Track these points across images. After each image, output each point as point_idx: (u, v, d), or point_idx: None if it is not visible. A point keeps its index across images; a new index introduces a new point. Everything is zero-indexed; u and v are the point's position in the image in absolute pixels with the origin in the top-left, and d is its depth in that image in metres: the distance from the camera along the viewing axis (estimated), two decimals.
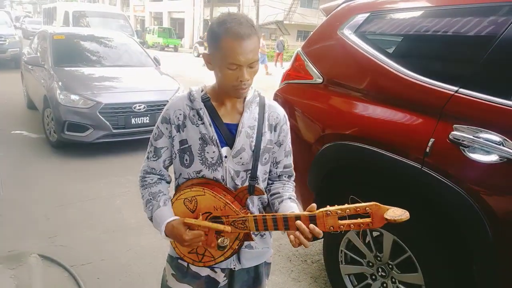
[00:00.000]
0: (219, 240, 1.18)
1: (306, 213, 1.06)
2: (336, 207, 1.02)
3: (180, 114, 1.21)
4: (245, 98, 1.25)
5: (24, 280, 2.41)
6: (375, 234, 2.05)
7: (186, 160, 1.23)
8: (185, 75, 11.28)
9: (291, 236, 1.06)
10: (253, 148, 1.22)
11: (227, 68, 1.09)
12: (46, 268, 2.58)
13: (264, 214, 1.15)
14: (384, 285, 2.01)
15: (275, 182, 1.36)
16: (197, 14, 32.50)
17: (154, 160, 1.27)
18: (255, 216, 1.14)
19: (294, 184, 1.39)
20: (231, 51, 1.06)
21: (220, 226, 1.13)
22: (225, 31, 1.07)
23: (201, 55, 6.11)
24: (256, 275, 1.37)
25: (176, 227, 1.17)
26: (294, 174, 1.40)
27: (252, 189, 1.21)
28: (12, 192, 3.67)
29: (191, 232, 1.14)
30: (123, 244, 2.92)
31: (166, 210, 1.22)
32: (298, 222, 1.06)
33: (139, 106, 4.88)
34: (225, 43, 1.06)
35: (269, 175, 1.35)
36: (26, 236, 2.93)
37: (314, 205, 1.07)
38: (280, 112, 1.31)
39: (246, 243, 1.26)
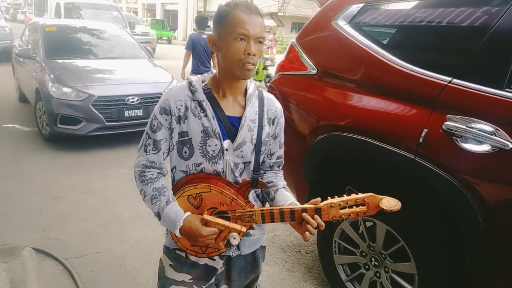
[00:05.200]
0: (231, 238, 1.17)
1: (311, 206, 1.13)
2: (339, 199, 1.12)
3: (181, 106, 1.18)
4: (246, 91, 1.24)
5: (18, 273, 2.39)
6: (368, 224, 2.07)
7: (185, 152, 1.21)
8: (178, 67, 11.19)
9: (306, 233, 1.12)
10: (254, 141, 1.22)
11: (235, 40, 1.09)
12: (40, 261, 2.57)
13: (271, 208, 1.16)
14: (377, 274, 2.03)
15: (267, 171, 1.37)
16: (191, 6, 32.20)
17: (154, 153, 1.22)
18: (262, 210, 1.16)
19: (283, 172, 1.41)
20: (241, 22, 1.08)
21: (237, 226, 1.14)
22: (234, 6, 1.11)
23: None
24: (253, 260, 1.40)
25: (193, 222, 1.14)
26: (283, 163, 1.42)
27: (255, 183, 1.22)
28: (4, 185, 3.64)
29: (208, 229, 1.13)
30: (117, 237, 2.91)
31: (177, 206, 1.19)
32: (305, 214, 1.11)
33: (132, 98, 4.84)
34: (234, 16, 1.09)
35: (262, 165, 1.35)
36: (20, 230, 2.92)
37: (318, 198, 1.14)
38: (277, 105, 1.32)
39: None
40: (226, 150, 1.20)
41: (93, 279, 2.44)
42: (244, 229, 1.15)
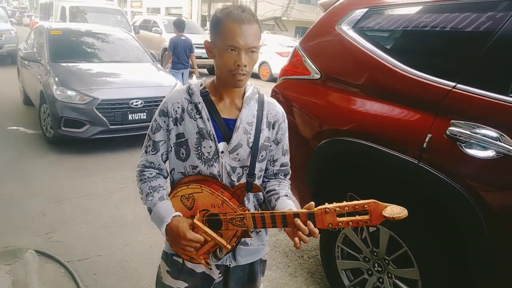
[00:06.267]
0: (217, 251, 1.17)
1: (304, 210, 1.07)
2: (335, 204, 1.03)
3: (178, 107, 1.20)
4: (244, 94, 1.24)
5: (21, 276, 2.40)
6: (371, 229, 2.06)
7: (183, 154, 1.22)
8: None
9: (296, 239, 1.07)
10: (250, 144, 1.21)
11: (226, 51, 1.09)
12: (43, 264, 2.57)
13: (262, 212, 1.14)
14: (380, 280, 2.02)
15: (271, 180, 1.35)
16: (195, 10, 32.38)
17: (153, 154, 1.25)
18: (253, 213, 1.13)
19: (290, 182, 1.38)
20: (231, 33, 1.08)
21: (224, 242, 1.13)
22: (227, 15, 1.10)
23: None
24: (251, 272, 1.37)
25: (181, 223, 1.15)
26: (290, 173, 1.39)
27: (250, 186, 1.20)
28: (8, 187, 3.66)
29: (194, 234, 1.13)
30: (119, 240, 2.91)
31: (169, 204, 1.21)
32: (296, 220, 1.06)
33: (136, 102, 4.86)
34: (226, 26, 1.09)
35: (265, 173, 1.34)
36: (22, 232, 2.92)
37: (312, 203, 1.08)
38: (279, 109, 1.30)
39: (241, 240, 1.25)
40: (222, 152, 1.20)
41: (95, 282, 2.44)
42: (229, 246, 1.14)
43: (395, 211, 0.99)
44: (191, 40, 6.84)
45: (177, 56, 6.51)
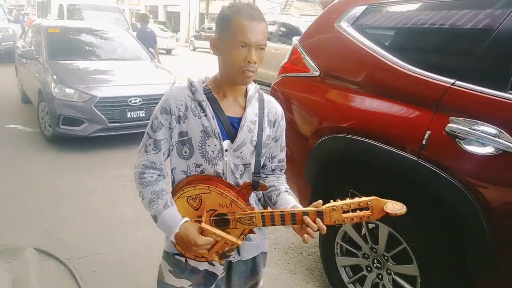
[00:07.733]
0: (226, 249, 1.18)
1: (313, 208, 1.11)
2: (341, 202, 1.10)
3: (181, 105, 1.18)
4: (247, 93, 1.24)
5: (20, 274, 2.40)
6: (370, 226, 2.07)
7: (186, 152, 1.20)
8: (181, 69, 11.25)
9: (305, 236, 1.12)
10: (254, 143, 1.22)
11: (236, 47, 1.08)
12: (42, 261, 2.57)
13: (272, 210, 1.15)
14: (380, 276, 2.02)
15: (269, 175, 1.36)
16: (193, 7, 32.29)
17: (155, 153, 1.21)
18: (263, 212, 1.14)
19: (285, 175, 1.41)
20: (242, 30, 1.07)
21: (233, 239, 1.15)
22: (236, 11, 1.09)
23: (196, 49, 6.34)
24: (253, 265, 1.38)
25: (190, 230, 1.14)
26: (286, 167, 1.41)
27: (256, 185, 1.21)
28: (7, 186, 3.65)
29: (204, 238, 1.13)
30: (119, 238, 2.92)
31: (175, 211, 1.19)
32: (306, 218, 1.10)
33: (134, 99, 4.85)
34: (236, 23, 1.08)
35: (263, 169, 1.35)
36: (22, 230, 2.92)
37: (320, 201, 1.12)
38: (278, 108, 1.31)
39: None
40: (226, 151, 1.19)
41: (94, 280, 2.44)
42: (239, 242, 1.15)
43: (396, 207, 1.06)
44: (154, 32, 7.78)
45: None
